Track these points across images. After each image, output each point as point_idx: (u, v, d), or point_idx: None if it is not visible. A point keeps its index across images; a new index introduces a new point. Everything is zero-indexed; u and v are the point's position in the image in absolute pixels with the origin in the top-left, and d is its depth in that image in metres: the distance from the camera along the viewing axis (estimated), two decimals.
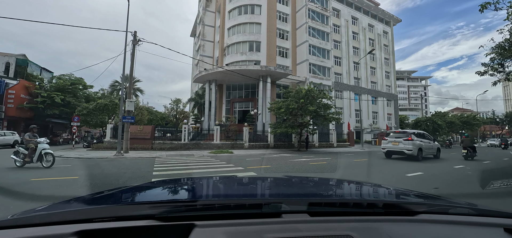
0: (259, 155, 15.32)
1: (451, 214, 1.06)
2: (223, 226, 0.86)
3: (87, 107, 22.77)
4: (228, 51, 33.25)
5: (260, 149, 20.29)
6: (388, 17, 46.05)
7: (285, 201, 1.04)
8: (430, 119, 31.11)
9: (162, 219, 0.87)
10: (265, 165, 10.64)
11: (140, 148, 17.28)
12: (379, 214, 1.02)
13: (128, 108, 14.81)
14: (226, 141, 20.58)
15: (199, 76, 30.36)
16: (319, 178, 2.35)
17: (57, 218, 0.88)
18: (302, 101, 17.10)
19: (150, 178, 7.13)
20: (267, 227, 0.86)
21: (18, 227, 0.82)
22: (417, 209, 1.05)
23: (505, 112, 75.99)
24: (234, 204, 1.01)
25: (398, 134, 13.81)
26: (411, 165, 10.63)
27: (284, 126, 18.48)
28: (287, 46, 34.10)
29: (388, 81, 45.04)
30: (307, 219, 0.93)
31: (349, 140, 29.45)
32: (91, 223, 0.84)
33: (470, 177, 7.83)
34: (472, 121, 38.22)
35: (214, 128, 19.94)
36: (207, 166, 10.40)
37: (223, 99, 33.19)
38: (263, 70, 27.22)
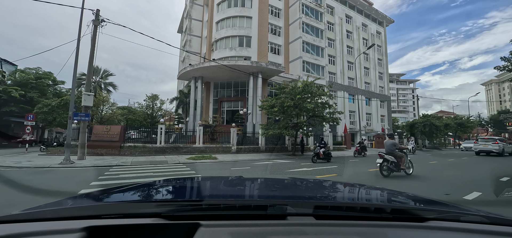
0: (248, 162, 12.54)
1: (463, 222, 0.99)
2: (228, 226, 0.84)
3: (49, 104, 19.20)
4: (216, 46, 30.35)
5: (250, 153, 17.49)
6: (381, 17, 44.55)
7: (290, 203, 1.02)
8: (428, 120, 29.29)
9: (168, 218, 0.86)
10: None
11: (105, 153, 14.10)
12: (387, 219, 0.97)
13: (86, 104, 11.67)
14: (210, 144, 17.65)
15: (183, 72, 27.27)
16: (325, 181, 1.98)
17: (66, 214, 0.91)
18: (298, 98, 14.44)
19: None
20: (272, 229, 0.84)
21: (29, 221, 0.84)
22: (426, 215, 0.99)
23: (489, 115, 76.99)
24: (239, 205, 1.00)
25: (486, 139, 19.92)
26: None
27: (277, 127, 15.77)
28: (280, 43, 31.57)
29: (381, 82, 43.42)
30: (313, 222, 0.90)
31: (345, 142, 27.14)
32: (99, 219, 0.85)
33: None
34: (466, 123, 36.96)
35: (197, 129, 16.96)
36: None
37: (210, 98, 30.20)
38: (253, 66, 24.52)
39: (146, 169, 9.42)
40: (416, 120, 30.39)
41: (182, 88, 35.53)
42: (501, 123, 64.73)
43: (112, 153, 14.28)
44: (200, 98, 27.99)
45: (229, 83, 30.08)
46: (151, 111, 20.56)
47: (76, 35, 11.89)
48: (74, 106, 11.27)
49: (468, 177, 8.31)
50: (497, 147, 18.32)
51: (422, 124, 29.19)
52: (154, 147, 15.27)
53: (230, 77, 28.56)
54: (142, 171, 8.81)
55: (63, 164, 9.98)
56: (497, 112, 71.57)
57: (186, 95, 30.83)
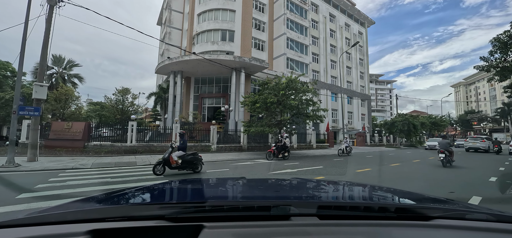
0: (227, 162, 11.47)
1: (468, 220, 0.98)
2: (232, 227, 0.84)
3: (3, 98, 16.76)
4: (197, 40, 28.76)
5: (231, 152, 16.40)
6: (363, 18, 45.13)
7: (294, 204, 1.02)
8: (406, 119, 29.93)
9: (172, 220, 0.86)
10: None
11: (66, 153, 12.33)
12: (391, 218, 0.96)
13: (37, 96, 9.92)
14: (189, 143, 16.29)
15: (162, 66, 25.46)
16: (328, 181, 1.95)
17: (71, 217, 0.89)
18: (282, 93, 13.56)
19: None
20: (276, 230, 0.84)
21: (34, 225, 0.83)
22: (431, 214, 0.98)
23: (458, 115, 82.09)
24: (242, 206, 1.00)
25: (475, 138, 22.19)
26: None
27: (259, 124, 14.80)
28: (264, 39, 30.63)
29: (362, 81, 44.09)
30: (317, 222, 0.89)
31: (328, 140, 26.89)
32: (103, 222, 0.84)
33: None
34: (439, 122, 38.51)
35: (173, 127, 15.55)
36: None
37: (190, 94, 28.60)
38: (236, 61, 23.33)
39: (107, 172, 8.03)
40: (396, 119, 30.93)
41: (161, 82, 33.48)
42: (468, 122, 69.19)
43: (73, 153, 12.53)
44: (180, 94, 26.34)
45: (211, 79, 28.66)
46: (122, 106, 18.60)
47: (43, 21, 10.13)
48: (21, 98, 9.49)
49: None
50: (484, 144, 20.51)
51: (401, 123, 29.76)
52: (123, 146, 13.67)
53: (211, 72, 27.17)
54: (98, 175, 7.44)
55: (4, 167, 8.29)
56: (464, 112, 76.46)
57: (165, 91, 28.94)
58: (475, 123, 69.45)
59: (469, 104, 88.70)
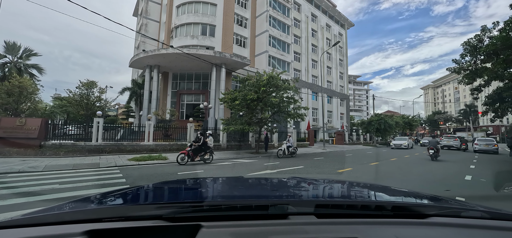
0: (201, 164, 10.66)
1: (463, 217, 1.00)
2: (230, 227, 0.84)
3: None
4: (176, 33, 27.31)
5: None
6: (343, 20, 46.02)
7: (291, 203, 1.03)
8: (382, 119, 30.94)
9: (169, 220, 0.85)
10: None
11: (18, 153, 10.75)
12: (388, 216, 0.97)
13: None
14: (163, 142, 15.20)
15: (136, 59, 23.76)
16: (326, 180, 1.93)
17: (67, 218, 0.88)
18: (263, 90, 12.97)
19: None
20: (274, 229, 0.83)
21: (30, 226, 0.82)
22: (427, 212, 0.99)
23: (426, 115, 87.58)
24: (240, 205, 0.98)
25: (449, 137, 24.52)
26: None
27: (239, 122, 14.12)
28: (246, 35, 29.89)
29: (341, 82, 45.02)
30: (314, 221, 0.89)
31: (308, 139, 26.91)
32: (100, 222, 0.83)
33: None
34: (411, 121, 40.44)
35: (146, 124, 14.35)
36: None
37: (168, 90, 27.13)
38: (217, 56, 22.39)
39: (59, 176, 6.90)
40: (372, 118, 31.86)
41: (136, 77, 31.50)
42: (435, 122, 73.98)
43: (27, 153, 10.96)
44: (157, 90, 24.85)
45: (190, 74, 27.39)
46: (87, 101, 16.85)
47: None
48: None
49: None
50: (456, 143, 22.87)
51: (377, 122, 30.69)
52: (87, 145, 12.27)
53: (191, 68, 25.93)
54: (47, 180, 6.32)
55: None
56: (432, 113, 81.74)
57: (140, 86, 27.18)
58: (442, 122, 74.41)
59: (436, 105, 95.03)
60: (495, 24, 12.96)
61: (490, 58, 13.92)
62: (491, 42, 12.47)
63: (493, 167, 10.87)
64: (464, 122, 69.73)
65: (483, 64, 14.84)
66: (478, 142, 20.18)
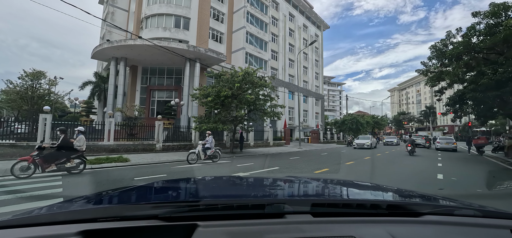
0: (170, 165, 9.57)
1: (456, 215, 1.02)
2: (226, 226, 0.83)
3: None
4: (146, 24, 25.25)
5: (180, 151, 14.35)
6: (319, 21, 46.84)
7: (288, 202, 1.03)
8: (355, 118, 31.94)
9: (165, 219, 0.84)
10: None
11: None
12: (383, 215, 0.98)
13: None
14: (127, 141, 13.66)
15: (99, 49, 21.47)
16: (322, 179, 2.05)
17: (61, 218, 0.86)
18: (237, 86, 12.14)
19: None
20: (270, 228, 0.83)
21: (22, 227, 0.80)
22: (421, 210, 1.00)
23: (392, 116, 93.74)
24: (237, 205, 0.97)
25: (417, 136, 25.88)
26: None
27: (212, 120, 13.13)
28: (222, 30, 28.74)
29: (317, 82, 45.82)
30: (310, 219, 0.89)
31: (285, 138, 26.68)
32: (95, 222, 0.81)
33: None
34: (380, 121, 42.53)
35: (106, 122, 12.72)
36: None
37: (137, 85, 25.04)
38: (191, 50, 21.05)
39: None
40: (346, 118, 32.76)
41: (100, 71, 28.69)
42: (400, 122, 79.43)
43: None
44: (123, 85, 22.72)
45: (162, 69, 25.57)
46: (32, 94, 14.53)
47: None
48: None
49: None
50: (423, 141, 24.63)
51: (350, 122, 31.58)
52: (31, 146, 10.40)
53: (162, 62, 24.17)
54: None
55: None
56: (398, 113, 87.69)
57: (104, 80, 24.69)
58: (406, 122, 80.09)
59: (401, 106, 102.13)
60: (458, 30, 13.63)
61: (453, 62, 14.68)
62: (455, 46, 13.06)
63: (458, 165, 11.28)
64: (424, 122, 75.68)
65: (446, 68, 15.66)
66: (439, 140, 21.49)
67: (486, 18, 11.93)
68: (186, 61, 22.02)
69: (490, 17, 11.69)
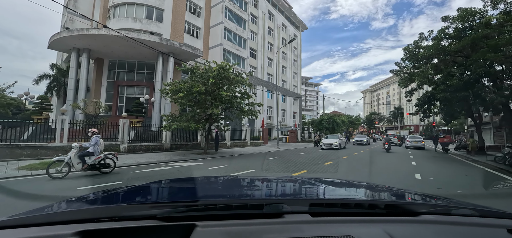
0: (131, 169, 8.37)
1: (454, 215, 1.02)
2: (224, 226, 0.82)
3: None
4: (114, 13, 23.06)
5: (148, 153, 13.02)
6: (298, 22, 47.13)
7: (286, 202, 1.03)
8: (331, 118, 32.48)
9: (164, 219, 0.83)
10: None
11: None
12: (381, 214, 0.97)
13: None
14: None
15: (57, 38, 19.09)
16: (320, 179, 1.94)
17: (58, 218, 0.85)
18: (212, 82, 11.16)
19: None
20: (269, 227, 0.83)
21: (20, 227, 0.79)
22: (419, 210, 1.00)
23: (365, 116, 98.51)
24: (235, 204, 0.97)
25: (390, 135, 26.85)
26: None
27: (184, 119, 12.01)
28: (199, 25, 27.35)
29: (295, 81, 46.08)
30: (309, 219, 0.89)
31: (263, 137, 26.13)
32: (92, 223, 0.81)
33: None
34: (355, 121, 43.97)
35: (59, 120, 11.01)
36: None
37: (103, 80, 22.80)
38: (163, 44, 19.55)
39: None
40: (323, 117, 33.18)
41: (60, 63, 25.74)
42: (372, 122, 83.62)
43: None
44: (86, 79, 20.47)
45: (132, 63, 23.57)
46: None
47: None
48: None
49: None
50: (395, 140, 25.32)
51: (327, 121, 32.02)
52: None
53: (132, 55, 22.24)
54: None
55: None
56: (369, 113, 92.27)
57: (64, 74, 22.09)
58: (377, 122, 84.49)
59: (373, 107, 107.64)
60: (430, 32, 14.06)
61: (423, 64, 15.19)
62: (426, 48, 13.42)
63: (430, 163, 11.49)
64: (393, 121, 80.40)
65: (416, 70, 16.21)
66: (409, 139, 22.46)
67: (455, 22, 12.37)
68: (158, 55, 20.44)
69: (459, 21, 12.13)
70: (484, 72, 10.38)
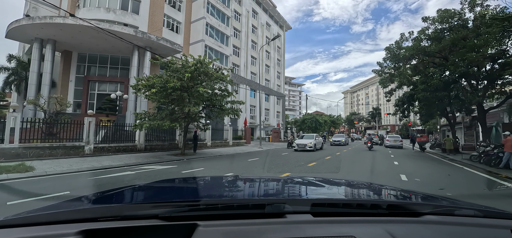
0: (92, 173, 7.24)
1: (457, 215, 1.00)
2: (226, 226, 0.83)
3: None
4: (84, 3, 21.09)
5: (118, 154, 11.76)
6: (282, 21, 46.92)
7: (288, 202, 1.02)
8: (314, 117, 32.55)
9: (166, 219, 0.83)
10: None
11: None
12: (383, 214, 0.96)
13: None
14: (43, 142, 10.53)
15: (16, 27, 17.02)
16: (322, 179, 1.90)
17: (61, 217, 0.86)
18: (188, 77, 10.20)
19: None
20: (270, 227, 0.83)
21: (23, 226, 0.80)
22: (422, 210, 0.99)
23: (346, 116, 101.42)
24: (237, 204, 0.97)
25: (370, 134, 27.29)
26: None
27: (158, 117, 10.93)
28: (180, 19, 25.97)
29: (278, 81, 45.84)
30: (311, 219, 0.89)
31: (245, 137, 25.40)
32: (95, 222, 0.81)
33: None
34: (336, 121, 44.69)
35: (9, 118, 9.47)
36: None
37: (71, 74, 20.82)
38: (139, 37, 18.15)
39: None
40: (306, 117, 33.18)
41: (21, 55, 23.15)
42: (352, 121, 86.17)
43: None
44: (51, 73, 18.47)
45: (104, 57, 21.77)
46: None
47: None
48: None
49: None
50: (377, 139, 26.34)
51: (310, 120, 32.03)
52: None
53: (105, 49, 20.51)
54: None
55: None
56: (350, 114, 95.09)
57: (25, 67, 19.80)
58: (356, 122, 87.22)
59: (353, 107, 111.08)
60: (411, 33, 14.17)
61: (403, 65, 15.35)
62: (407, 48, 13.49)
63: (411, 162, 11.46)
64: (371, 121, 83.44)
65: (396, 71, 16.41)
66: (388, 138, 22.94)
67: (435, 23, 12.52)
68: (134, 49, 18.96)
69: (439, 22, 12.27)
70: (463, 72, 10.48)
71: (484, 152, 10.95)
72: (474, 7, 11.13)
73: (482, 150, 11.18)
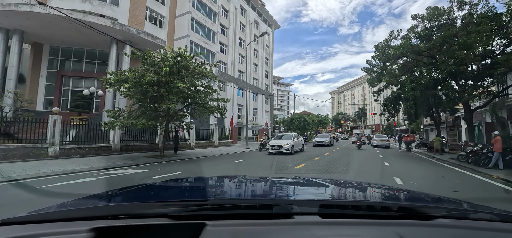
0: (53, 180, 6.14)
1: (471, 219, 0.95)
2: (234, 226, 0.82)
3: None
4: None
5: (88, 157, 10.53)
6: (270, 20, 46.33)
7: (296, 202, 1.02)
8: (302, 117, 32.21)
9: (174, 218, 0.84)
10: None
11: None
12: (394, 217, 0.93)
13: None
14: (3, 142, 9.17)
15: None
16: (331, 180, 1.85)
17: (74, 215, 0.88)
18: (166, 70, 9.19)
19: None
20: (278, 228, 0.82)
21: (37, 223, 0.82)
22: (434, 213, 0.95)
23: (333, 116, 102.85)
24: (245, 204, 0.97)
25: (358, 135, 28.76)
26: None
27: (133, 115, 9.84)
28: (163, 13, 24.62)
29: (267, 80, 45.23)
30: (319, 221, 0.87)
31: (232, 136, 24.50)
32: (107, 220, 0.83)
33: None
34: (324, 120, 44.74)
35: None
36: None
37: (41, 69, 19.08)
38: (117, 29, 16.84)
39: None
40: (294, 116, 32.77)
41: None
42: (338, 121, 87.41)
43: None
44: (18, 67, 16.72)
45: (80, 51, 20.15)
46: None
47: None
48: None
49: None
50: (364, 139, 26.78)
51: (298, 120, 31.65)
52: None
53: (80, 42, 18.95)
54: None
55: None
56: (337, 113, 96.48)
57: None
58: (343, 121, 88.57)
59: (339, 107, 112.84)
60: (399, 31, 13.91)
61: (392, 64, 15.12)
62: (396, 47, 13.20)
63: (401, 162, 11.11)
64: (357, 121, 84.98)
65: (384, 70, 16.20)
66: (376, 138, 22.89)
67: (424, 21, 12.29)
68: (111, 42, 17.58)
69: (428, 20, 12.05)
70: (453, 71, 10.27)
71: (472, 152, 10.78)
72: (463, 5, 10.97)
73: (469, 150, 11.01)
